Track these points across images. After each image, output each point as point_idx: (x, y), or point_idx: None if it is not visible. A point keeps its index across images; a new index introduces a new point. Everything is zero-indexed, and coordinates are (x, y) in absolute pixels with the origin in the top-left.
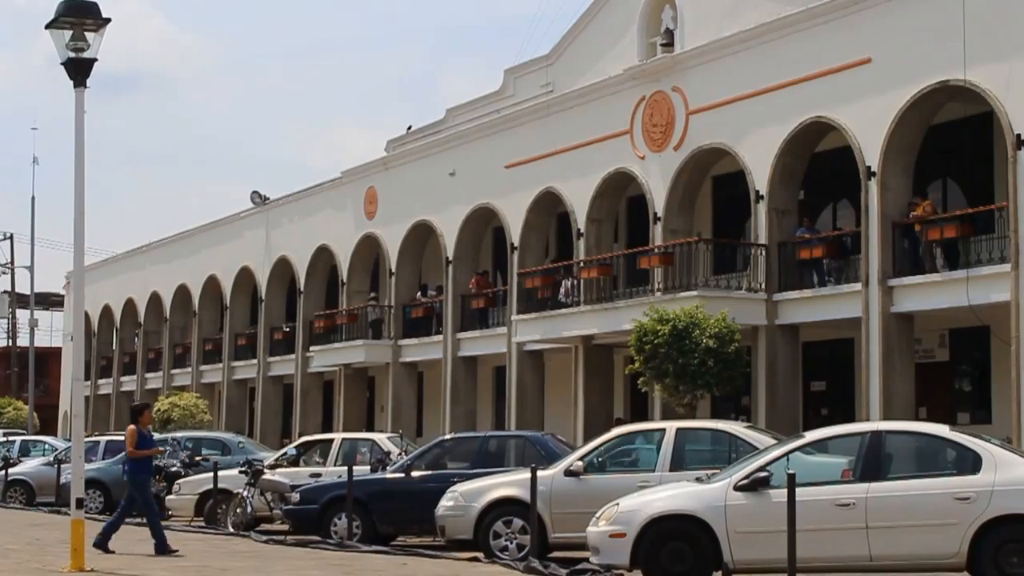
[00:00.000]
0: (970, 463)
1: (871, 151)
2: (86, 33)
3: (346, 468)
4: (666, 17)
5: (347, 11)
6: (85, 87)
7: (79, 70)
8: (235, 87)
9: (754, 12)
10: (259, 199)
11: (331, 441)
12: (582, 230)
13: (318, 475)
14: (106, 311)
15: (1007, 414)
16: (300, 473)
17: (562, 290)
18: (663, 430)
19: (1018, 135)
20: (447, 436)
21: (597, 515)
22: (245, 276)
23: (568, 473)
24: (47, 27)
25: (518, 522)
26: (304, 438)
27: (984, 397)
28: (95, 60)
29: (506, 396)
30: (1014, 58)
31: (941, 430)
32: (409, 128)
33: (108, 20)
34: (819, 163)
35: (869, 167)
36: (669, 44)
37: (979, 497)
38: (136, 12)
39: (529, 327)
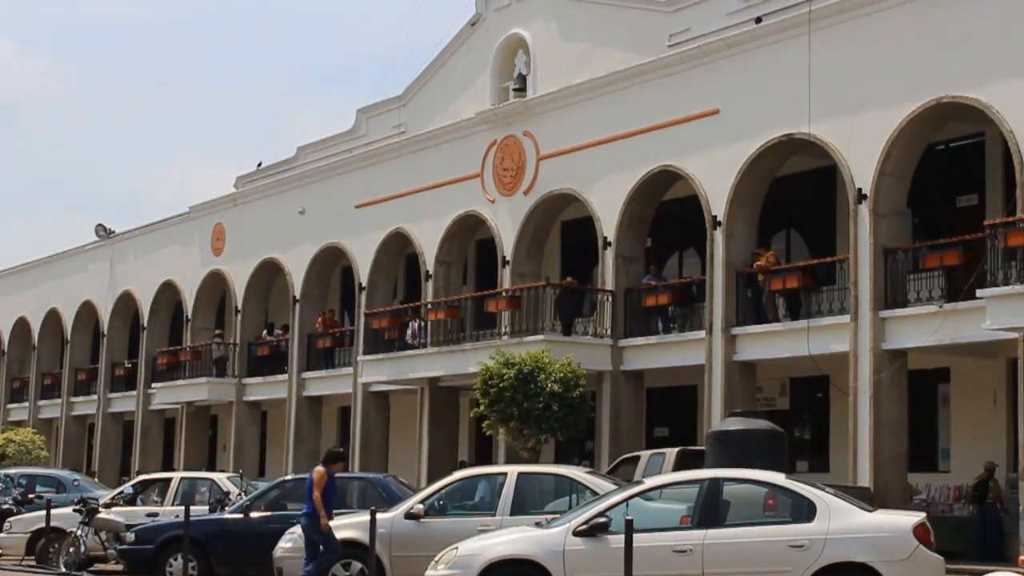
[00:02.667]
0: (805, 511)
1: (717, 201)
2: None
3: (183, 507)
4: (519, 62)
5: (199, 45)
6: None
7: None
8: (82, 117)
9: (606, 60)
10: (104, 232)
11: (169, 480)
12: (431, 272)
13: (155, 514)
14: None
15: (844, 463)
16: (137, 512)
17: (409, 331)
18: (505, 474)
19: (859, 189)
20: (288, 477)
21: (436, 559)
22: (87, 310)
23: (409, 516)
24: None
25: (357, 565)
26: (142, 476)
27: (823, 445)
28: None
29: (350, 437)
30: (857, 114)
31: (777, 478)
32: (259, 165)
33: None
34: (666, 211)
35: (715, 216)
36: (522, 89)
37: (813, 545)
38: None
39: (375, 368)
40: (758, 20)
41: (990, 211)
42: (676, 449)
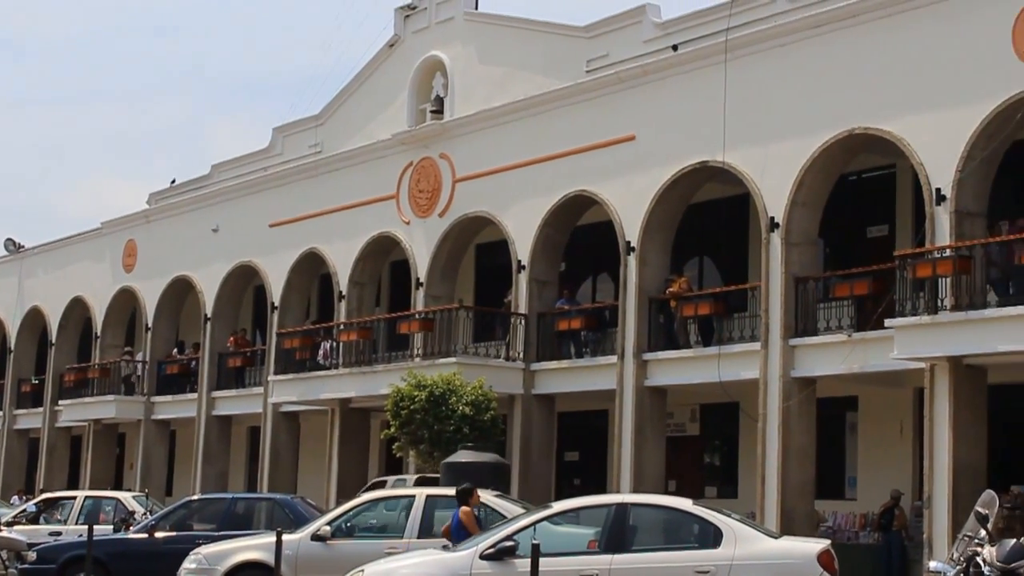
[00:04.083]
0: (711, 537)
1: (631, 226)
2: None
3: (87, 527)
4: (437, 84)
5: (112, 59)
6: None
7: None
8: None
9: (523, 85)
10: (13, 247)
11: (74, 498)
12: (344, 292)
13: (58, 533)
14: None
15: (752, 489)
16: (39, 531)
17: (321, 352)
18: (413, 496)
19: (772, 218)
20: (194, 497)
21: None
22: None
23: (315, 537)
24: None
25: None
26: (45, 495)
27: (731, 472)
28: None
29: (260, 457)
30: (771, 143)
31: (684, 504)
32: (173, 182)
33: None
34: (581, 236)
35: (629, 242)
36: (439, 111)
37: (718, 571)
38: None
39: (286, 388)
40: (675, 48)
41: (900, 242)
42: (415, 476)
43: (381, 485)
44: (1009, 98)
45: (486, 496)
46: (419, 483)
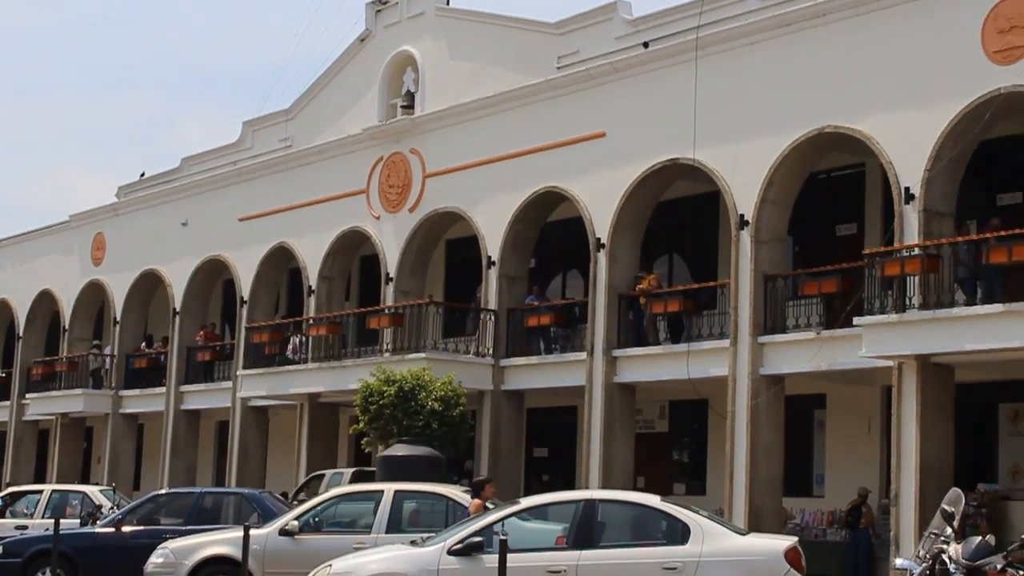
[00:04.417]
0: (679, 534)
1: (601, 223)
2: None
3: (53, 520)
4: (408, 79)
5: (80, 51)
6: None
7: None
8: None
9: (494, 81)
10: None
11: (40, 492)
12: (313, 287)
13: (24, 527)
14: None
15: (720, 486)
16: (5, 525)
17: (290, 346)
18: (381, 492)
19: (741, 215)
20: (161, 491)
21: None
22: None
23: (283, 532)
24: None
25: None
26: (11, 488)
27: (700, 468)
28: None
29: (228, 452)
30: (741, 141)
31: (652, 500)
32: (142, 175)
33: None
34: (551, 232)
35: (599, 239)
36: (410, 106)
37: (686, 567)
38: None
39: (255, 382)
40: (646, 45)
41: (868, 240)
42: (352, 469)
43: (318, 480)
44: (978, 98)
45: (455, 492)
46: (355, 476)
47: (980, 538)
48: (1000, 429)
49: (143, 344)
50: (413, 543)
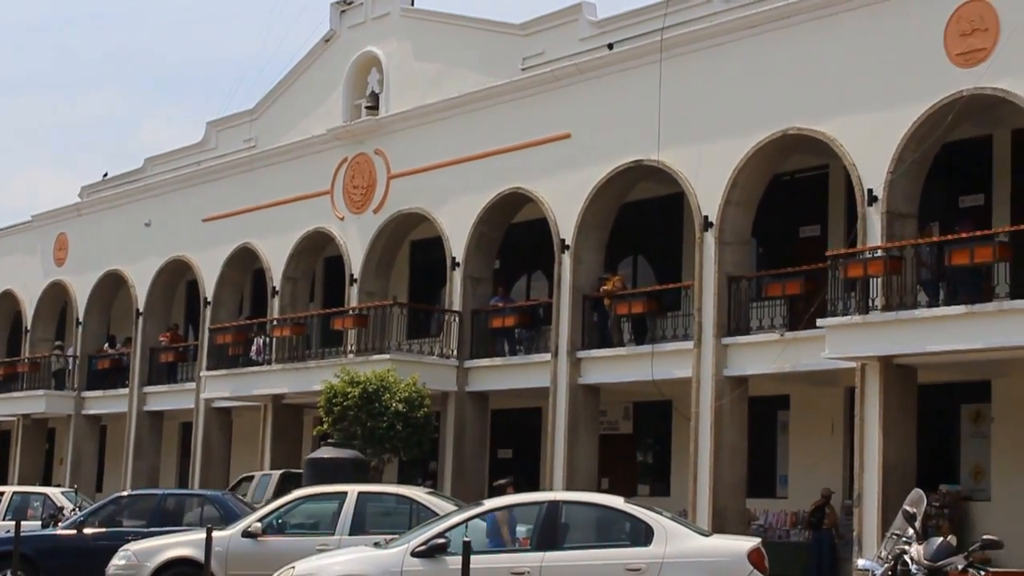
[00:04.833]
0: (642, 535)
1: (566, 224)
2: None
3: (14, 522)
4: (372, 80)
5: (42, 50)
6: None
7: None
8: None
9: (459, 82)
10: None
11: (1, 494)
12: (277, 288)
13: None
14: None
15: (684, 487)
16: None
17: (254, 348)
18: (344, 493)
19: (705, 216)
20: (123, 493)
21: None
22: None
23: (246, 534)
24: None
25: None
26: None
27: (664, 470)
28: None
29: (191, 453)
30: (705, 142)
31: (615, 501)
32: (105, 175)
33: None
34: (516, 234)
35: (563, 240)
36: (374, 107)
37: (649, 568)
38: None
39: (218, 384)
40: (610, 47)
41: (832, 242)
42: (280, 471)
43: (247, 482)
44: (941, 100)
45: (419, 493)
46: (283, 477)
47: (942, 539)
48: (962, 430)
49: (106, 345)
50: (377, 545)
